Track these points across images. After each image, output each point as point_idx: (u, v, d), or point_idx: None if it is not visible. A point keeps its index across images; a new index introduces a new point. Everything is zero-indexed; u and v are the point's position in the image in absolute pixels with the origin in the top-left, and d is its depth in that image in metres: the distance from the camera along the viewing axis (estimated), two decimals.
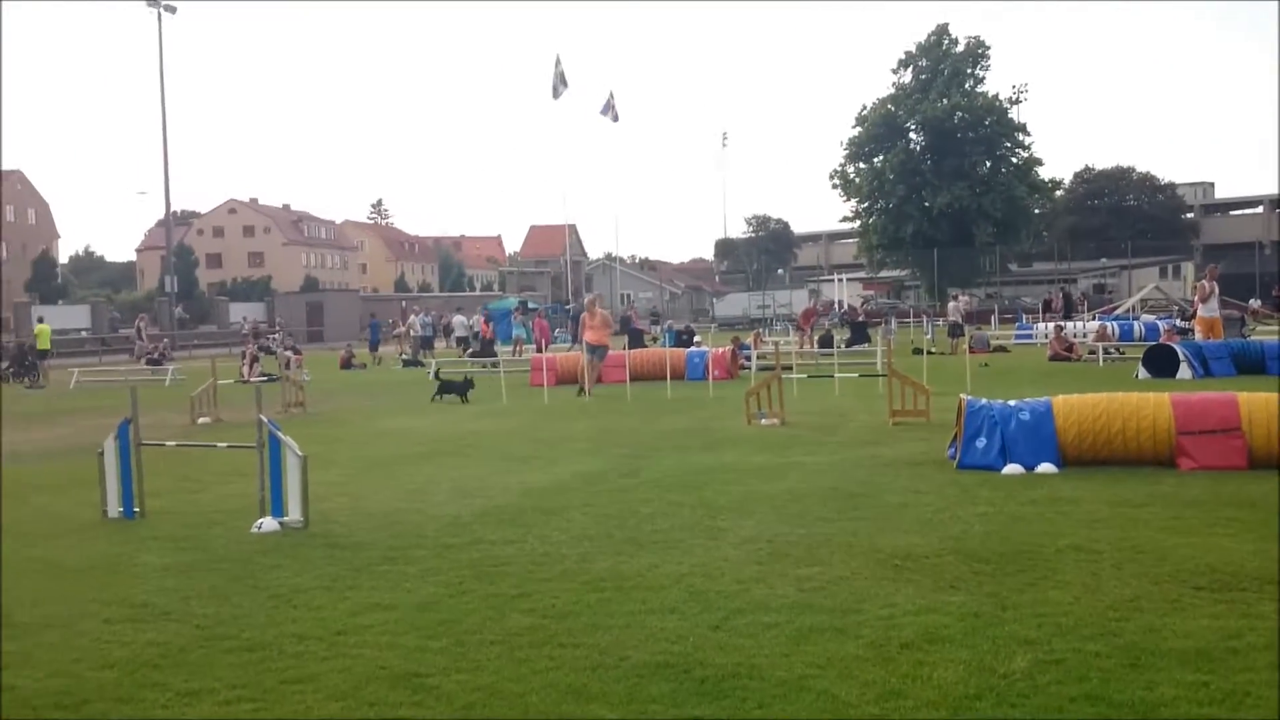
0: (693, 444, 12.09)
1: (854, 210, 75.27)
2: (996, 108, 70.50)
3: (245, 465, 8.72)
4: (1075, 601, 5.35)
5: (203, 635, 5.31)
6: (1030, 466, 9.17)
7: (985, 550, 6.47)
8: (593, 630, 5.17)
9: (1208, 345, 19.49)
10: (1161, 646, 4.66)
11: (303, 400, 18.11)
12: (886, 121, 71.25)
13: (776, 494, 8.68)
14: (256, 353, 29.05)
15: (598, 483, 9.59)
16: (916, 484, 8.87)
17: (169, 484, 9.87)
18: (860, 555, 6.48)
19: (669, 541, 7.05)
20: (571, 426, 14.35)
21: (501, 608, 5.59)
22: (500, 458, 11.49)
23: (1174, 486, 8.34)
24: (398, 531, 7.64)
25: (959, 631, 4.94)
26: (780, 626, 5.12)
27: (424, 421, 15.91)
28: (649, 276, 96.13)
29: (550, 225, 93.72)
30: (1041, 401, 9.69)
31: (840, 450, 11.14)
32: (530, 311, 40.62)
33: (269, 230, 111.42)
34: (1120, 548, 6.42)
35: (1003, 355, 28.42)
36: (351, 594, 5.95)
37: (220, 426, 15.77)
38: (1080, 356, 24.83)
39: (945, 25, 71.91)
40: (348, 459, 11.70)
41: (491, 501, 8.77)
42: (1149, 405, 9.38)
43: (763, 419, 13.65)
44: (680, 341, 31.42)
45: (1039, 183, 72.24)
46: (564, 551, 6.86)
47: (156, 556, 7.11)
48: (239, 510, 8.37)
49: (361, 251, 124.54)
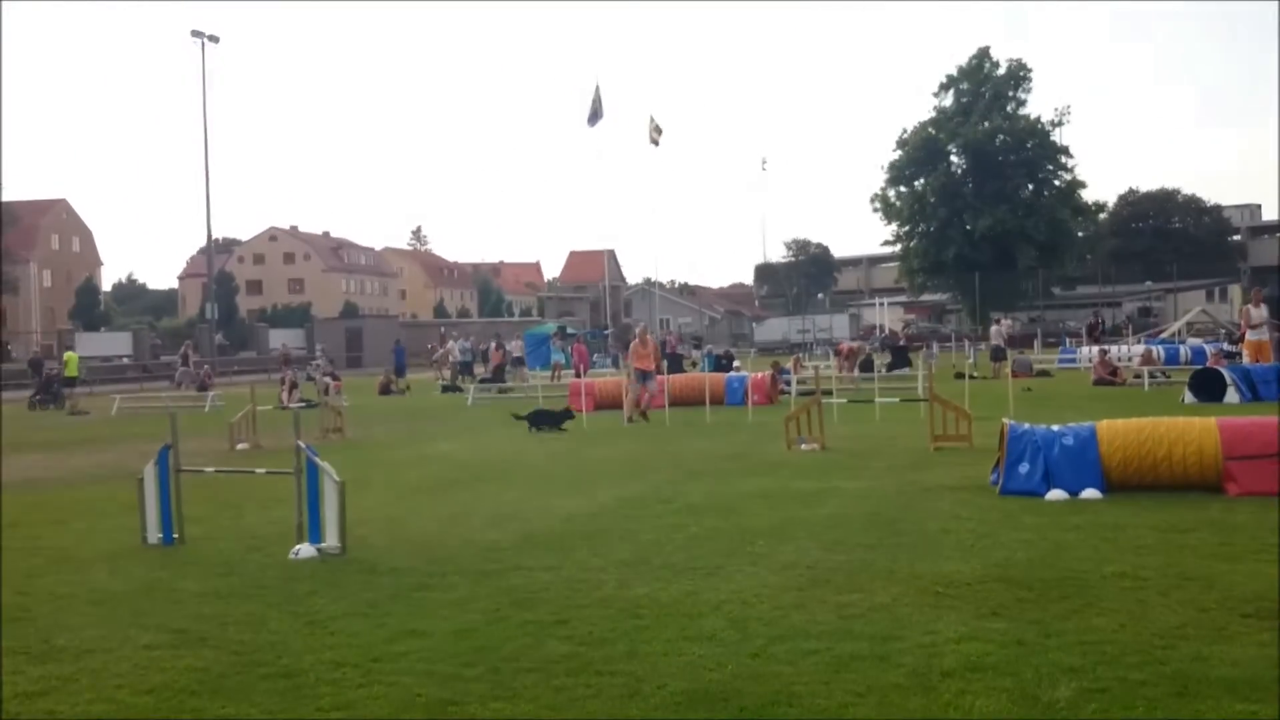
0: (732, 469, 12.03)
1: (895, 234, 75.11)
2: (1039, 130, 70.20)
3: (283, 491, 8.76)
4: (1120, 629, 5.24)
5: (240, 661, 5.32)
6: (1074, 492, 9.03)
7: (1028, 577, 6.36)
8: (630, 658, 5.12)
9: (1256, 369, 19.20)
10: (1209, 675, 4.55)
11: (341, 426, 18.21)
12: (927, 145, 71.09)
13: (816, 520, 8.60)
14: (295, 379, 29.28)
15: (637, 508, 9.56)
16: (958, 510, 8.76)
17: (208, 510, 9.92)
18: (901, 582, 6.39)
19: (708, 567, 6.99)
20: (610, 451, 14.33)
21: (539, 635, 5.56)
22: (539, 483, 11.49)
23: (1221, 512, 8.18)
24: (435, 557, 7.63)
25: (1002, 659, 4.85)
26: (820, 654, 5.04)
27: (462, 446, 15.95)
28: (688, 301, 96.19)
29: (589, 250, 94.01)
30: (1085, 426, 9.56)
31: (881, 476, 11.04)
32: (569, 337, 40.76)
33: (309, 257, 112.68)
34: (1166, 574, 6.30)
35: (1046, 380, 28.14)
36: (388, 620, 5.94)
37: (259, 453, 15.88)
38: (1125, 381, 24.52)
39: (986, 48, 71.96)
40: (386, 485, 11.73)
41: (530, 527, 8.75)
42: (1195, 429, 9.22)
43: (803, 444, 13.57)
44: (720, 366, 31.40)
45: (1082, 205, 71.75)
46: (602, 577, 6.82)
47: (195, 582, 7.14)
48: (277, 536, 8.40)
49: (401, 278, 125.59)
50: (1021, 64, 71.59)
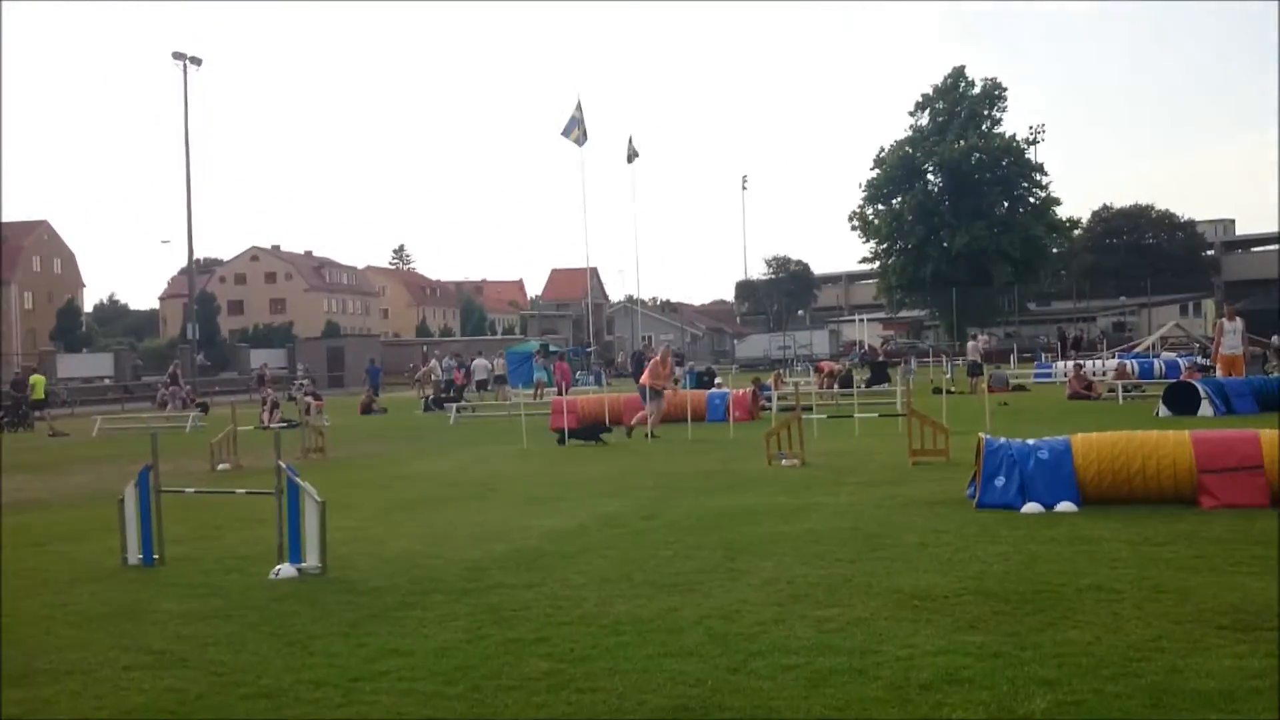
0: (713, 485, 12.07)
1: (873, 251, 75.61)
2: (1014, 148, 70.84)
3: (264, 511, 8.74)
4: (1096, 641, 5.30)
5: (219, 682, 5.31)
6: (1050, 505, 9.11)
7: (1005, 590, 6.42)
8: (611, 674, 5.14)
9: (1230, 382, 19.35)
10: (1184, 687, 4.60)
11: (323, 446, 18.16)
12: (904, 163, 71.66)
13: (796, 535, 8.65)
14: (277, 399, 29.18)
15: (618, 525, 9.58)
16: (936, 524, 8.82)
17: (188, 531, 9.89)
18: (880, 596, 6.44)
19: (688, 584, 7.02)
20: (592, 469, 14.35)
21: (520, 652, 5.58)
22: (520, 501, 11.50)
23: (1195, 525, 8.25)
24: (416, 576, 7.64)
25: (978, 672, 4.90)
26: (799, 668, 5.08)
27: (444, 465, 15.94)
28: (670, 318, 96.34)
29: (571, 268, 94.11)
30: (1060, 440, 9.64)
31: (860, 490, 11.10)
32: (551, 355, 40.75)
33: (291, 277, 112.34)
34: (1141, 587, 6.36)
35: (1022, 394, 28.32)
36: (368, 640, 5.95)
37: (240, 473, 15.82)
38: (1100, 395, 24.71)
39: (962, 68, 72.65)
40: (367, 504, 11.72)
41: (511, 545, 8.76)
42: (1169, 443, 9.31)
43: (783, 460, 13.62)
44: (701, 383, 31.44)
45: (1057, 222, 72.38)
46: (583, 595, 6.84)
47: (175, 603, 7.13)
48: (257, 556, 8.38)
49: (383, 297, 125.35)
50: (996, 83, 72.33)
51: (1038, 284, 75.39)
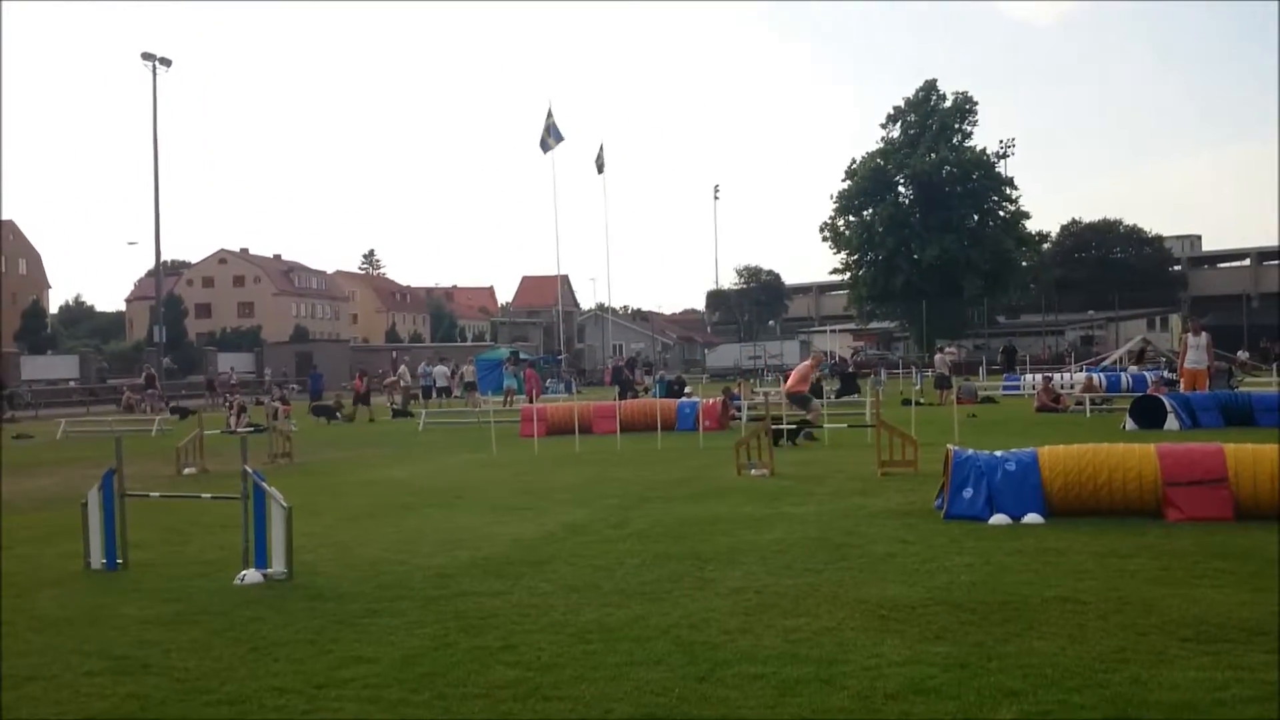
0: (682, 494, 12.07)
1: (844, 262, 75.88)
2: (984, 162, 71.34)
3: (230, 516, 8.68)
4: (1061, 652, 5.33)
5: (183, 688, 5.26)
6: (1016, 517, 9.16)
7: (971, 600, 6.45)
8: (578, 683, 5.13)
9: (1195, 396, 19.54)
10: (1148, 699, 4.64)
11: (290, 451, 18.04)
12: (876, 175, 72.01)
13: (765, 544, 8.65)
14: (244, 403, 28.97)
15: (586, 533, 9.56)
16: (904, 534, 8.85)
17: (153, 535, 9.80)
18: (847, 606, 6.45)
19: (656, 592, 7.02)
20: (560, 477, 14.32)
21: (486, 660, 5.55)
22: (488, 508, 11.45)
23: (1160, 537, 8.32)
24: (383, 583, 7.59)
25: (945, 682, 4.91)
26: (766, 678, 5.09)
27: (412, 472, 15.87)
28: (641, 327, 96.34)
29: (542, 276, 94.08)
30: (1027, 452, 9.70)
31: (829, 501, 11.13)
32: (521, 362, 40.67)
33: (259, 280, 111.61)
34: (1106, 599, 6.40)
35: (991, 406, 28.50)
36: (334, 647, 5.90)
37: (206, 477, 15.70)
38: (1067, 408, 24.91)
39: (933, 81, 73.01)
40: (333, 510, 11.64)
41: (479, 552, 8.73)
42: (1135, 456, 9.38)
43: (752, 469, 13.64)
44: (671, 392, 31.45)
45: (1026, 236, 72.94)
46: (551, 603, 6.82)
47: (138, 608, 7.05)
48: (222, 562, 8.31)
49: (353, 302, 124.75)
50: (967, 97, 72.80)
51: (1007, 297, 75.92)
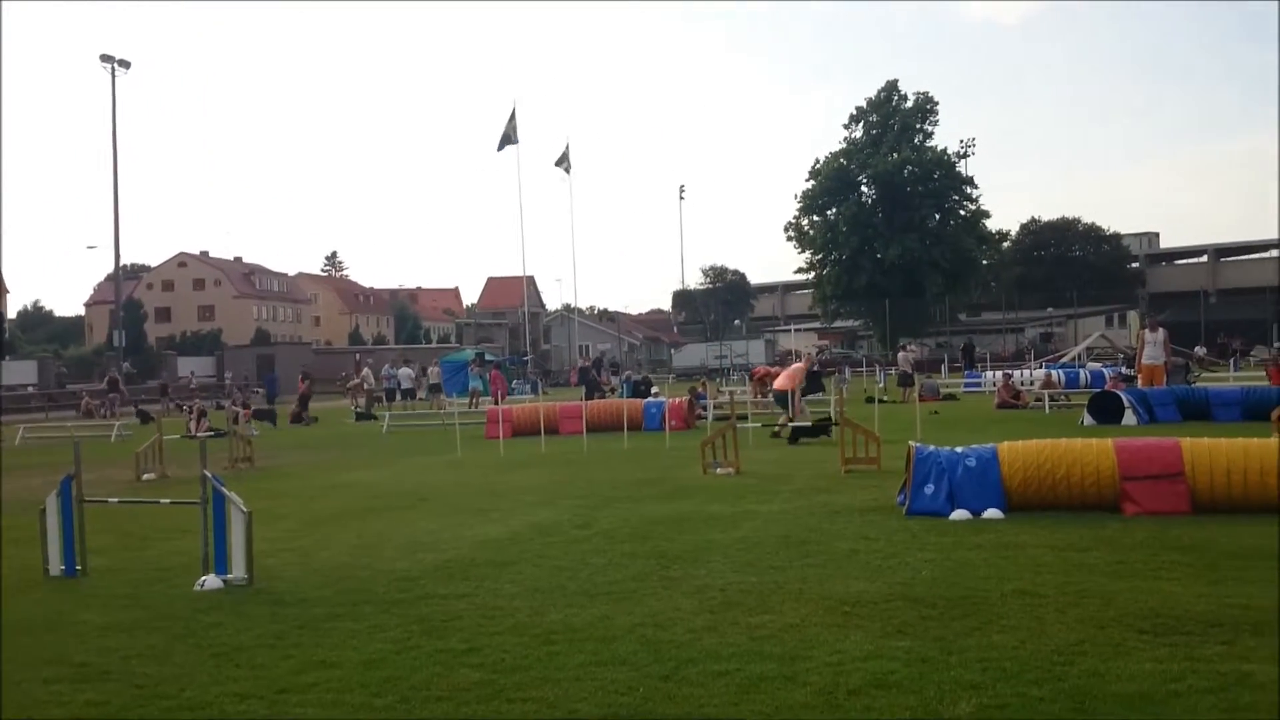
0: (648, 494, 12.08)
1: (808, 262, 76.35)
2: (945, 162, 71.94)
3: (189, 522, 8.60)
4: (1020, 646, 5.39)
5: (143, 695, 5.21)
6: (977, 512, 9.25)
7: (932, 595, 6.51)
8: (542, 684, 5.13)
9: (1153, 392, 19.80)
10: (1105, 691, 4.70)
11: (251, 455, 17.90)
12: (839, 175, 72.48)
13: (730, 543, 8.69)
14: (204, 408, 28.71)
15: (552, 534, 9.55)
16: (867, 531, 8.92)
17: (112, 541, 9.70)
18: (811, 602, 6.49)
19: (622, 592, 7.02)
20: (526, 478, 14.29)
21: (450, 663, 5.54)
22: (453, 511, 11.41)
23: (1118, 531, 8.43)
24: (345, 587, 7.55)
25: (906, 677, 4.96)
26: (730, 675, 5.11)
27: (375, 475, 15.78)
28: (607, 328, 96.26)
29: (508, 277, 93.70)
30: (987, 448, 9.79)
31: (793, 498, 11.18)
32: (487, 364, 40.53)
33: (220, 283, 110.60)
34: (1065, 592, 6.48)
35: (952, 403, 28.74)
36: (295, 652, 5.87)
37: (166, 483, 15.54)
38: (1027, 404, 25.18)
39: (895, 82, 73.53)
40: (295, 514, 11.56)
41: (443, 555, 8.69)
42: (1093, 451, 9.49)
43: (718, 468, 13.68)
44: (638, 392, 31.46)
45: (986, 234, 73.68)
46: (515, 604, 6.81)
47: (97, 615, 6.98)
48: (182, 567, 8.24)
49: (315, 304, 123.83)
50: (928, 97, 73.42)
51: (968, 295, 76.61)
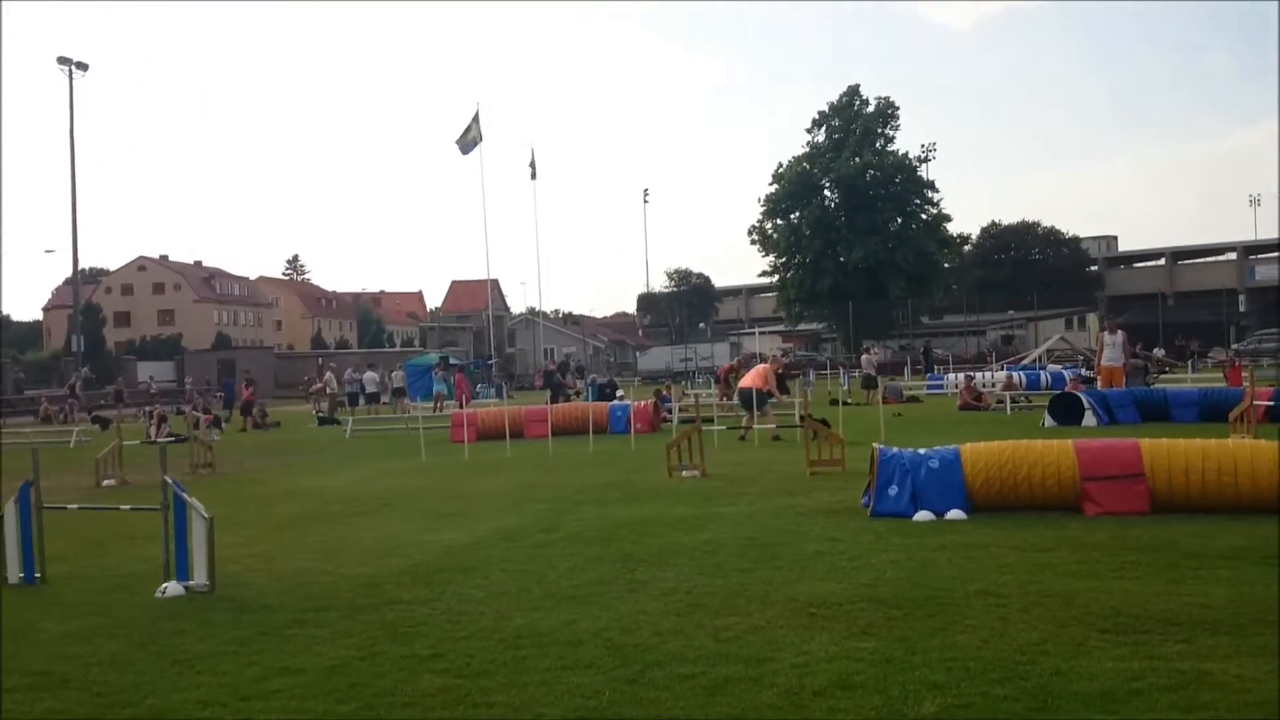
0: (613, 497, 12.08)
1: (772, 265, 76.67)
2: (906, 165, 72.47)
3: (150, 528, 8.50)
4: (984, 645, 5.43)
5: (103, 703, 5.15)
6: (940, 513, 9.32)
7: (897, 596, 6.55)
8: (508, 688, 5.11)
9: (1112, 393, 20.02)
10: (1067, 689, 4.74)
11: (212, 461, 17.74)
12: (802, 179, 72.84)
13: (696, 545, 8.70)
14: (164, 413, 28.43)
15: (517, 538, 9.52)
16: (832, 532, 8.96)
17: (72, 548, 9.58)
18: (776, 604, 6.51)
19: (588, 596, 7.02)
20: (491, 482, 14.25)
21: (414, 669, 5.51)
22: (417, 516, 11.36)
23: (1079, 531, 8.51)
24: (308, 594, 7.49)
25: (871, 677, 4.98)
26: (696, 678, 5.11)
27: (339, 480, 15.68)
28: (572, 331, 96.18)
29: (472, 280, 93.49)
30: (949, 449, 9.87)
31: (758, 501, 11.21)
32: (451, 367, 40.36)
33: (179, 287, 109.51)
34: (1027, 592, 6.54)
35: (915, 405, 28.94)
36: (258, 658, 5.81)
37: (126, 489, 15.36)
38: (989, 406, 25.40)
39: (856, 86, 74.00)
40: (257, 520, 11.47)
41: (407, 560, 8.65)
42: (1054, 452, 9.59)
43: (683, 471, 13.69)
44: (603, 395, 31.44)
45: (947, 238, 74.30)
46: (480, 609, 6.78)
47: (57, 623, 6.89)
48: (143, 574, 8.14)
49: (277, 308, 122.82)
50: (889, 102, 73.96)
51: (930, 298, 77.21)
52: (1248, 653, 5.16)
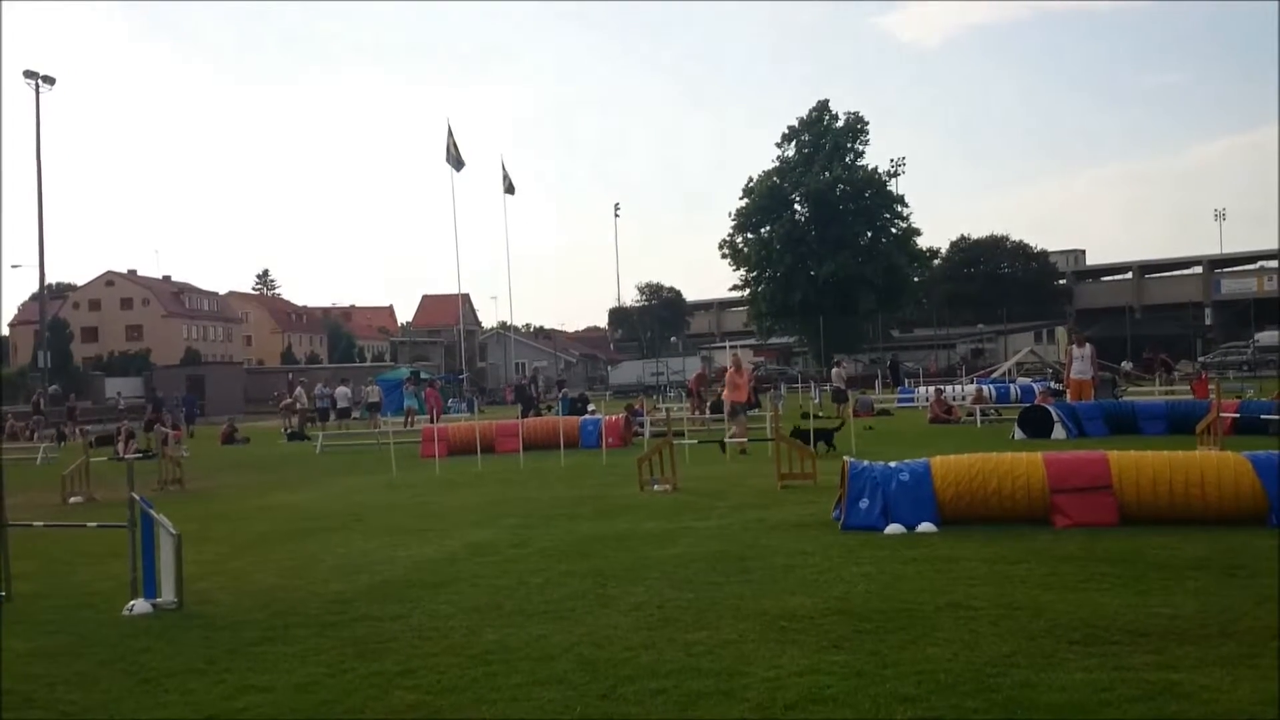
0: (585, 512, 12.05)
1: (743, 279, 76.89)
2: (875, 180, 72.93)
3: (118, 545, 8.40)
4: (954, 658, 5.45)
5: None
6: (911, 526, 9.35)
7: (868, 609, 6.57)
8: (478, 705, 5.09)
9: (1081, 406, 20.17)
10: (1037, 701, 4.76)
11: (181, 477, 17.58)
12: (772, 193, 73.14)
13: (667, 560, 8.69)
14: (132, 429, 28.16)
15: (488, 553, 9.49)
16: (803, 546, 8.97)
17: (38, 566, 9.47)
18: (748, 618, 6.51)
19: (559, 611, 7.00)
20: (462, 498, 14.19)
21: (384, 685, 5.47)
22: (387, 531, 11.29)
23: (1048, 543, 8.57)
24: (277, 610, 7.43)
25: (842, 691, 4.99)
26: (668, 692, 5.10)
27: (309, 496, 15.57)
28: (544, 345, 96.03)
29: (443, 294, 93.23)
30: (920, 462, 9.91)
31: (730, 514, 11.22)
32: (422, 382, 40.21)
33: (148, 302, 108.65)
34: (997, 604, 6.57)
35: (886, 418, 29.06)
36: (227, 676, 5.76)
37: (93, 506, 15.20)
38: (959, 419, 25.55)
39: (825, 101, 74.43)
40: (226, 537, 11.37)
41: (377, 576, 8.60)
42: (1023, 464, 9.65)
43: (655, 485, 13.69)
44: (574, 409, 31.39)
45: (917, 252, 74.71)
46: (451, 625, 6.75)
47: (22, 641, 6.81)
48: (110, 592, 8.06)
49: (246, 323, 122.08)
50: (859, 117, 74.37)
51: (900, 311, 77.63)
52: (1215, 662, 5.21)
